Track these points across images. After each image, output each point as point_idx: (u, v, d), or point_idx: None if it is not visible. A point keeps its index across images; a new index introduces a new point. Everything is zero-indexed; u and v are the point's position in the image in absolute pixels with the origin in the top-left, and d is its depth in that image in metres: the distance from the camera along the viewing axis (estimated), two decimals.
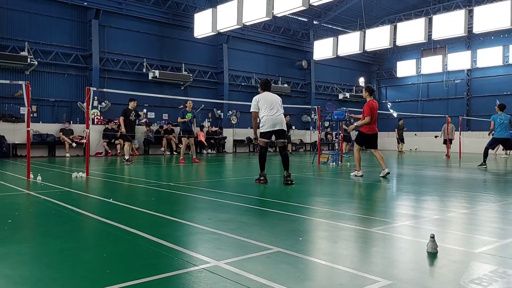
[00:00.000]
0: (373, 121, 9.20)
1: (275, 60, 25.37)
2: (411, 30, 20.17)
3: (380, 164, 9.21)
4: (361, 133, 9.35)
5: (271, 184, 7.75)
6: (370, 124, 9.17)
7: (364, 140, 9.37)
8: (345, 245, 3.52)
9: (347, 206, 5.56)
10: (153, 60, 20.26)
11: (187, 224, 4.29)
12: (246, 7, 16.25)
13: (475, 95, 26.22)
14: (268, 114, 7.67)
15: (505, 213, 5.17)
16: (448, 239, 3.78)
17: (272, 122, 7.65)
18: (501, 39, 24.27)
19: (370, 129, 9.23)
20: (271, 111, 7.66)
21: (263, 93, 7.91)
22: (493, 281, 2.60)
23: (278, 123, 7.67)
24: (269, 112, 7.66)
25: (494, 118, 12.47)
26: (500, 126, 12.29)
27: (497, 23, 17.17)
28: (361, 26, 22.97)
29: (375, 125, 9.32)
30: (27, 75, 16.82)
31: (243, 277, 2.63)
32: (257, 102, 7.77)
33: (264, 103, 7.71)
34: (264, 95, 7.83)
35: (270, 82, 8.35)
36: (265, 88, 7.97)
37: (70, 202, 5.48)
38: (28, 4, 17.04)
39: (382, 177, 8.90)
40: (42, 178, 7.82)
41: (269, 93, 7.92)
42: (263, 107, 7.70)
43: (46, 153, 16.56)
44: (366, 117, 9.12)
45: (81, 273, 2.76)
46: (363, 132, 9.28)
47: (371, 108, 9.12)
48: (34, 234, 4.03)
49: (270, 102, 7.71)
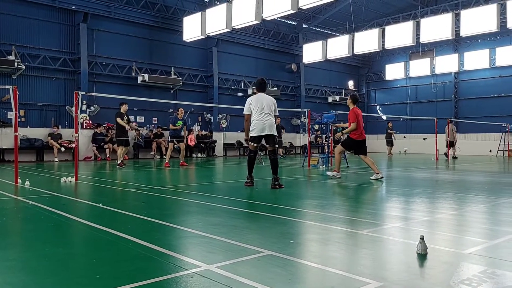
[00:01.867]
0: (360, 127, 9.29)
1: (265, 64, 25.41)
2: (399, 34, 20.33)
3: (372, 169, 9.22)
4: (350, 139, 9.42)
5: (261, 187, 7.75)
6: (358, 130, 9.26)
7: (353, 145, 9.46)
8: (335, 248, 3.53)
9: (337, 208, 5.58)
10: (142, 63, 20.17)
11: (177, 228, 4.27)
12: (235, 11, 16.25)
13: (463, 98, 26.50)
14: (257, 118, 7.61)
15: (493, 214, 5.23)
16: (438, 241, 3.80)
17: (261, 126, 7.59)
18: (488, 42, 24.57)
19: (360, 136, 9.32)
20: (261, 115, 7.60)
21: (257, 95, 7.83)
22: (483, 281, 2.63)
23: (266, 127, 7.61)
24: (259, 116, 7.60)
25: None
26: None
27: (484, 26, 17.37)
28: (350, 30, 23.12)
29: (363, 131, 9.43)
30: (14, 79, 16.64)
31: (234, 280, 2.62)
32: (249, 105, 7.70)
33: (256, 105, 7.64)
34: (258, 97, 7.75)
35: (266, 82, 8.26)
36: (260, 88, 7.92)
37: (59, 207, 5.42)
38: (15, 8, 16.87)
39: (374, 179, 8.93)
40: (31, 183, 7.74)
41: (263, 94, 7.82)
42: (255, 110, 7.63)
43: (34, 157, 16.38)
44: (352, 124, 9.21)
45: (70, 279, 2.74)
46: (352, 138, 9.37)
47: (356, 115, 9.23)
48: (22, 240, 3.98)
49: (262, 105, 7.62)
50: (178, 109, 13.45)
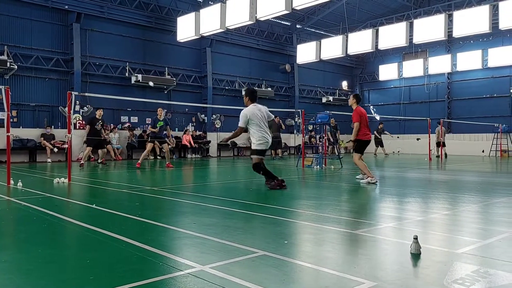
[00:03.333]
0: (365, 126, 9.06)
1: (259, 64, 25.41)
2: (392, 34, 20.42)
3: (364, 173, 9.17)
4: (358, 141, 9.10)
5: (255, 188, 7.75)
6: (364, 130, 9.02)
7: (363, 146, 9.15)
8: (330, 248, 3.53)
9: (331, 208, 5.59)
10: (136, 64, 20.10)
11: (171, 229, 4.26)
12: (229, 11, 16.24)
13: (455, 98, 26.65)
14: (262, 131, 7.51)
15: (486, 213, 5.26)
16: (431, 240, 3.82)
17: (268, 140, 7.56)
18: (480, 43, 24.74)
19: (365, 135, 9.08)
20: (263, 127, 7.53)
21: (253, 107, 7.63)
22: (476, 281, 2.64)
23: (270, 140, 7.63)
24: (263, 129, 7.52)
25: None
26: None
27: (476, 27, 17.49)
28: (343, 30, 23.18)
29: (368, 131, 9.19)
30: (6, 80, 16.52)
31: (229, 281, 2.62)
32: (248, 118, 7.49)
33: (256, 118, 7.49)
34: (254, 110, 7.58)
35: (256, 91, 8.21)
36: (254, 98, 7.75)
37: (51, 208, 5.39)
38: (8, 7, 16.75)
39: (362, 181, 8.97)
40: (23, 184, 7.68)
41: (257, 105, 7.70)
42: (255, 123, 7.49)
43: (27, 158, 16.27)
44: (355, 123, 8.96)
45: (64, 280, 2.72)
46: (360, 140, 9.08)
47: (360, 114, 8.99)
48: (14, 241, 3.95)
49: (261, 116, 7.55)
50: (157, 109, 12.92)
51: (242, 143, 22.72)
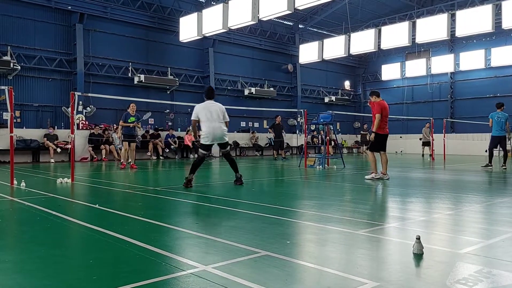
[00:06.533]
0: (385, 120, 8.98)
1: (261, 64, 25.41)
2: (395, 34, 20.39)
3: (382, 167, 9.17)
4: (377, 135, 9.01)
5: (258, 188, 7.75)
6: (382, 124, 8.94)
7: (381, 141, 9.07)
8: (332, 248, 3.53)
9: (333, 208, 5.58)
10: (139, 64, 20.14)
11: (174, 229, 4.26)
12: (231, 11, 16.26)
13: (458, 98, 26.59)
14: (208, 126, 7.80)
15: (489, 213, 5.25)
16: (434, 240, 3.81)
17: (212, 136, 7.84)
18: (483, 43, 24.68)
19: (384, 130, 9.03)
20: (210, 123, 7.79)
21: (205, 103, 8.04)
22: (478, 281, 2.64)
23: (218, 137, 7.88)
24: (209, 124, 7.80)
25: (492, 115, 12.52)
26: (498, 124, 12.32)
27: (479, 27, 17.45)
28: (346, 30, 23.15)
29: (386, 126, 9.12)
30: (10, 80, 16.58)
31: (231, 281, 2.62)
32: (197, 113, 7.92)
33: (204, 114, 7.83)
34: (206, 105, 7.95)
35: (214, 89, 8.57)
36: (208, 96, 8.12)
37: (55, 208, 5.40)
38: (11, 8, 16.81)
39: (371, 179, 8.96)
40: (26, 184, 7.70)
41: (212, 102, 8.02)
42: (203, 118, 7.83)
43: (30, 159, 16.31)
44: (376, 115, 8.83)
45: (67, 281, 2.73)
46: (378, 134, 9.00)
47: (382, 107, 8.90)
48: (17, 241, 3.96)
49: (210, 113, 7.82)
50: (129, 105, 12.72)
51: (244, 143, 22.72)
